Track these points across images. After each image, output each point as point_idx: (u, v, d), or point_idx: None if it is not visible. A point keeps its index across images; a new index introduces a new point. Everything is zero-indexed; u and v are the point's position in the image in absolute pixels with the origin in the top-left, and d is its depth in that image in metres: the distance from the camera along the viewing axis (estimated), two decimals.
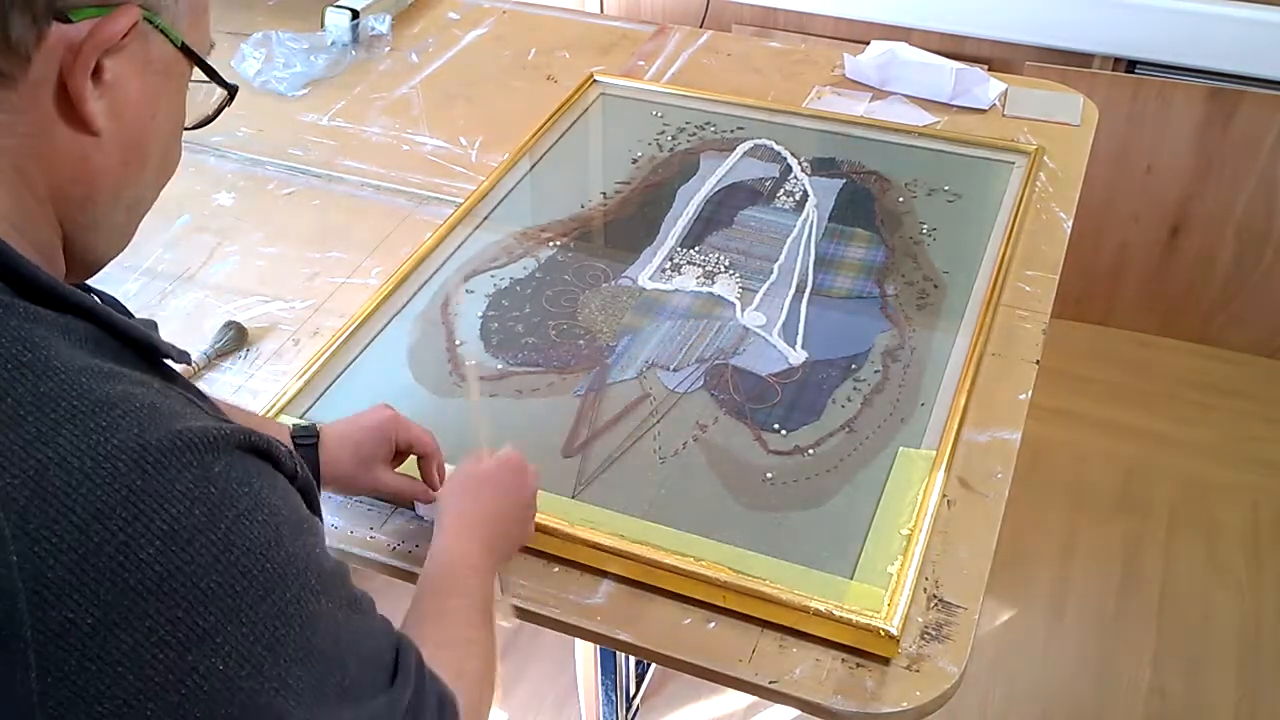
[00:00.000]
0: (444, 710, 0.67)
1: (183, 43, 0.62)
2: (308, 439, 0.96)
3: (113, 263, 0.69)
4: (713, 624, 0.97)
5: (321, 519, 0.67)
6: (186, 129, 0.68)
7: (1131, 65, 2.26)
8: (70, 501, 0.49)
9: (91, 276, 0.67)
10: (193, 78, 0.65)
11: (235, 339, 1.25)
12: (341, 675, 0.58)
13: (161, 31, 0.60)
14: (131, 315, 0.65)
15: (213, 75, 0.65)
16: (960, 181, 1.48)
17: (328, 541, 1.03)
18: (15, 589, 0.47)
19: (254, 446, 0.58)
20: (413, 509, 1.04)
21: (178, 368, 0.65)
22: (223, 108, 0.70)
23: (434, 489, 1.01)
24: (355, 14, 1.81)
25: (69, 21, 0.55)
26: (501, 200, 1.46)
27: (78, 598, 0.48)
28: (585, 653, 1.56)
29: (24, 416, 0.50)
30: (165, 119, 0.63)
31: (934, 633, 0.95)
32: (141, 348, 0.61)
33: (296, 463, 0.62)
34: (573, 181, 1.51)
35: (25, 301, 0.55)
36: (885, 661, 0.93)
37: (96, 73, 0.57)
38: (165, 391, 0.56)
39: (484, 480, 0.94)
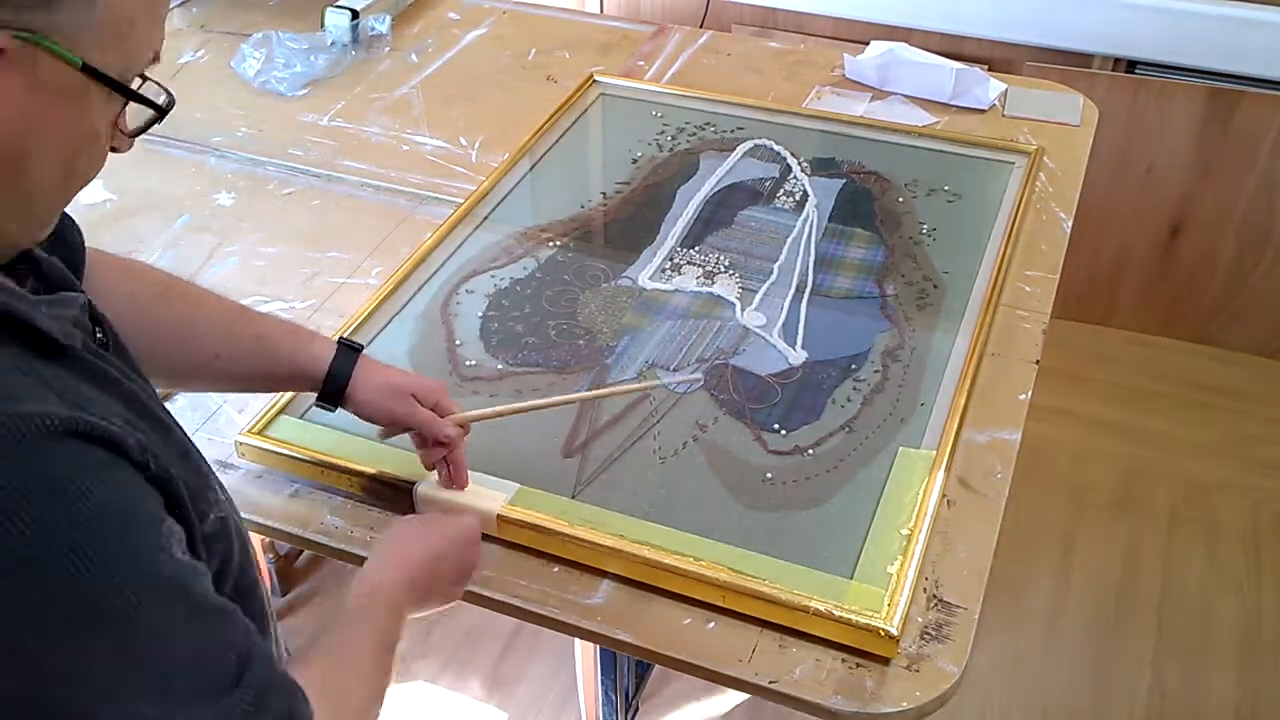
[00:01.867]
0: None
1: (83, 64, 0.61)
2: (352, 346, 0.99)
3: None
4: (713, 624, 0.97)
5: (189, 517, 0.65)
6: (129, 134, 0.68)
7: (1131, 65, 2.26)
8: None
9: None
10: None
11: None
12: (166, 679, 0.57)
13: (55, 53, 0.60)
14: (74, 276, 0.68)
15: (128, 95, 0.65)
16: (960, 181, 1.48)
17: (327, 540, 1.04)
18: None
19: (96, 436, 0.57)
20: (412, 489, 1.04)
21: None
22: (152, 123, 0.69)
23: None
24: (355, 14, 1.81)
25: None
26: (501, 200, 1.46)
27: None
28: (585, 653, 1.56)
29: None
30: (55, 134, 0.63)
31: (934, 633, 0.95)
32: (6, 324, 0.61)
33: (150, 456, 0.61)
34: (573, 181, 1.51)
35: None
36: (885, 661, 0.93)
37: None
38: (7, 372, 0.56)
39: (441, 544, 0.91)
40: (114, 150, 0.68)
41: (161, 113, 0.68)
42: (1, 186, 0.62)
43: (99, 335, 0.72)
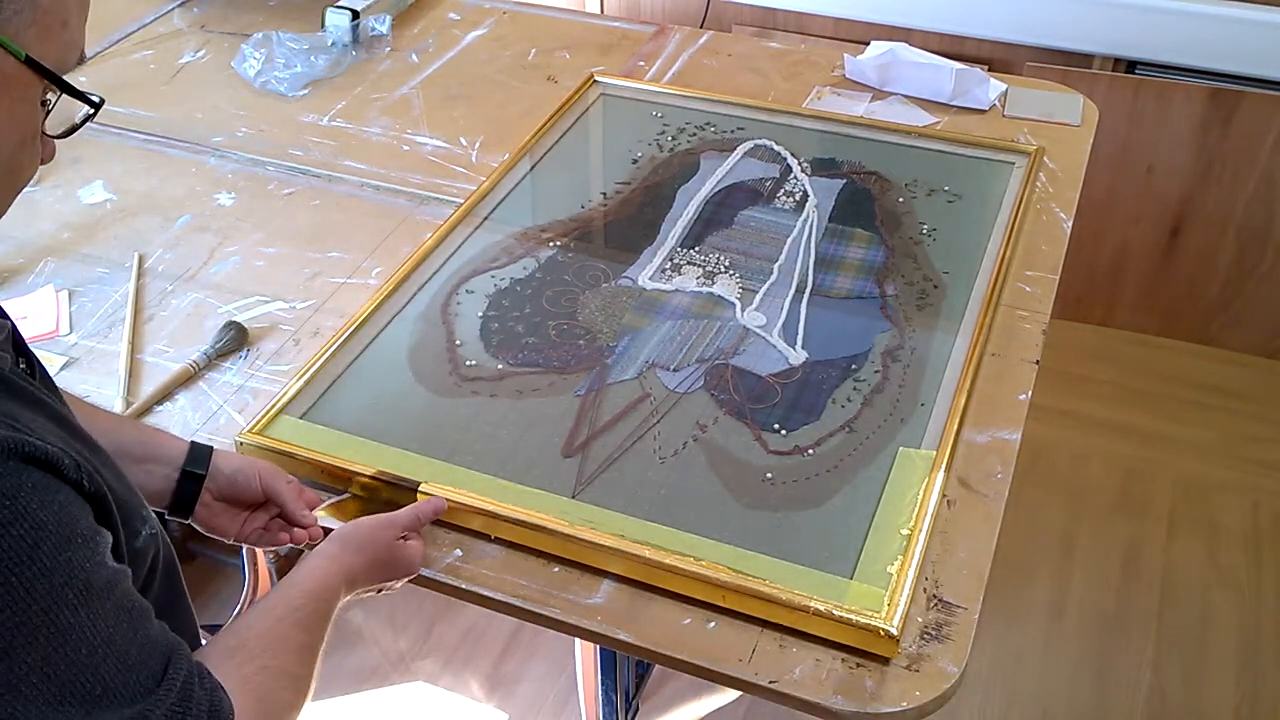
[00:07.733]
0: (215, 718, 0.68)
1: (26, 56, 0.64)
2: (197, 469, 0.96)
3: (112, 263, 0.70)
4: (713, 624, 0.97)
5: (117, 527, 0.69)
6: (55, 137, 0.70)
7: (1131, 65, 2.26)
8: None
9: None
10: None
11: (235, 339, 1.25)
12: (93, 682, 0.61)
13: (2, 45, 0.62)
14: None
15: (65, 88, 0.67)
16: (960, 182, 1.48)
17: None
18: None
19: (29, 456, 0.60)
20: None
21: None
22: (88, 119, 0.72)
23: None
24: (355, 14, 1.81)
25: None
26: (502, 200, 1.46)
27: None
28: (585, 653, 1.56)
29: None
30: (3, 126, 0.65)
31: (934, 633, 0.96)
32: None
33: (85, 474, 0.64)
34: (573, 182, 1.51)
35: None
36: (885, 661, 0.93)
37: None
38: None
39: (388, 554, 0.95)
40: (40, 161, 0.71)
41: (96, 109, 0.71)
42: None
43: (22, 365, 0.74)
